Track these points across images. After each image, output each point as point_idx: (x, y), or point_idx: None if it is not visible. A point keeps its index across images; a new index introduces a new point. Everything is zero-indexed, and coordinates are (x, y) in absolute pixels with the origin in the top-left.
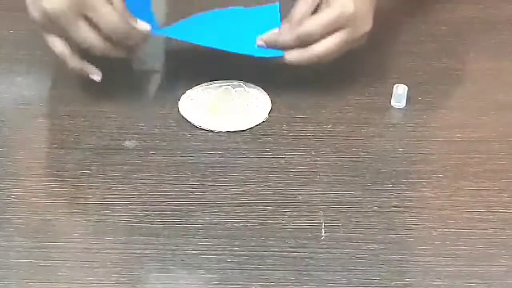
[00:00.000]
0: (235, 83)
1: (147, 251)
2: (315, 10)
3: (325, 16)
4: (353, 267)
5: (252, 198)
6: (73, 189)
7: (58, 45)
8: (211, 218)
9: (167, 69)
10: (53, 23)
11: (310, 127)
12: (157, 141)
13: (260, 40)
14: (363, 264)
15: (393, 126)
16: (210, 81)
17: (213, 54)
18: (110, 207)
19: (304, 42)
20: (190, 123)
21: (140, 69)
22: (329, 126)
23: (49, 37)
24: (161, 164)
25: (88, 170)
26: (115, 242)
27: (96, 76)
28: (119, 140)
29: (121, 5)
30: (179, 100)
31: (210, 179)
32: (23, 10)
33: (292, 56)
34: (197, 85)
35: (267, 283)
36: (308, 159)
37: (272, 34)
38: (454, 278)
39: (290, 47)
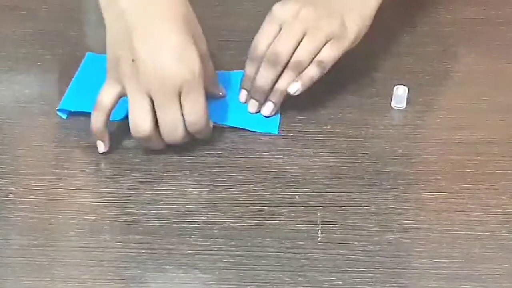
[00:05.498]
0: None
1: (143, 250)
2: None
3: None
4: (348, 268)
5: (249, 198)
6: (71, 188)
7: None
8: (208, 218)
9: None
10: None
11: (310, 127)
12: None
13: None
14: (359, 266)
15: (392, 127)
16: None
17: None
18: (107, 206)
19: (277, 62)
20: None
21: None
22: (328, 127)
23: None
24: (159, 164)
25: (86, 168)
26: (112, 241)
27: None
28: (119, 139)
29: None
30: None
31: (208, 179)
32: (25, 9)
33: (294, 86)
34: None
35: (263, 284)
36: (306, 159)
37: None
38: (450, 280)
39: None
